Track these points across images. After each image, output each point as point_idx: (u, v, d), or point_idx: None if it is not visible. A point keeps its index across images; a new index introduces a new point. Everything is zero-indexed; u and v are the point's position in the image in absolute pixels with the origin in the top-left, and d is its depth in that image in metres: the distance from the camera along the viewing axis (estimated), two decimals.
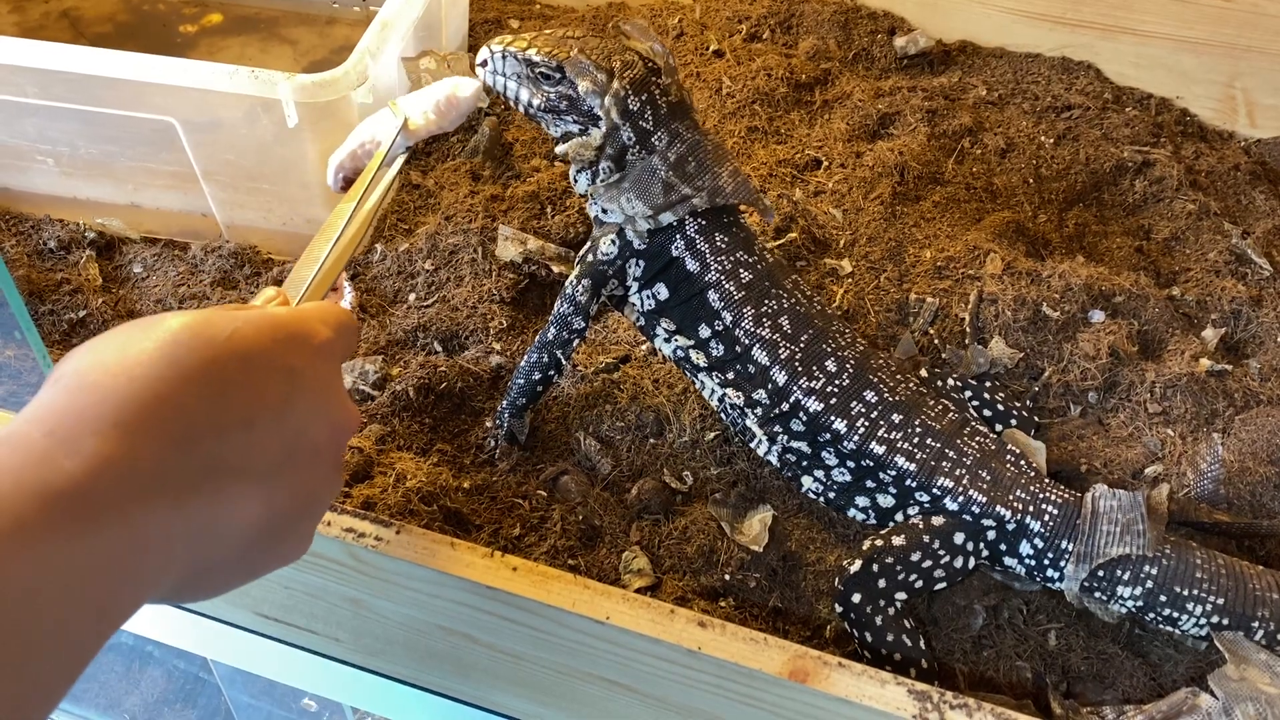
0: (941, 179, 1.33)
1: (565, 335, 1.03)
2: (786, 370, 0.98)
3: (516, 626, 0.85)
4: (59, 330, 1.17)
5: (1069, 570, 0.93)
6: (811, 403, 0.97)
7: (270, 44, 1.55)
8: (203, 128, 1.18)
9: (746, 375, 1.00)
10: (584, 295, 1.02)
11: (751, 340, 0.99)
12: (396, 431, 1.07)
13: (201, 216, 1.28)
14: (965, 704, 0.76)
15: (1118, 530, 0.92)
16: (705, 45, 1.53)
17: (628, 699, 0.88)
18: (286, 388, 0.62)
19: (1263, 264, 1.25)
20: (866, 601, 0.93)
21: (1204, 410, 1.10)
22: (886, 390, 0.98)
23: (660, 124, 0.96)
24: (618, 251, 1.00)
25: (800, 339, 0.98)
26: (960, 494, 0.95)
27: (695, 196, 0.96)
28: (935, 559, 0.95)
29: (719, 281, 0.99)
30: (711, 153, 0.97)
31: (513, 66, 0.96)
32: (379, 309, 1.21)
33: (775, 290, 1.00)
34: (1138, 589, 0.92)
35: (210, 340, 0.59)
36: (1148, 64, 1.51)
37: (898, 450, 0.96)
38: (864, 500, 1.00)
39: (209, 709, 1.80)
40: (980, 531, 0.96)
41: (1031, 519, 0.94)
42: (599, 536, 1.02)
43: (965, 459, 0.96)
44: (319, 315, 0.69)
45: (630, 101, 0.94)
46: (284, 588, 0.94)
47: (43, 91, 1.16)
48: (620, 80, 0.94)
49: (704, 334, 1.01)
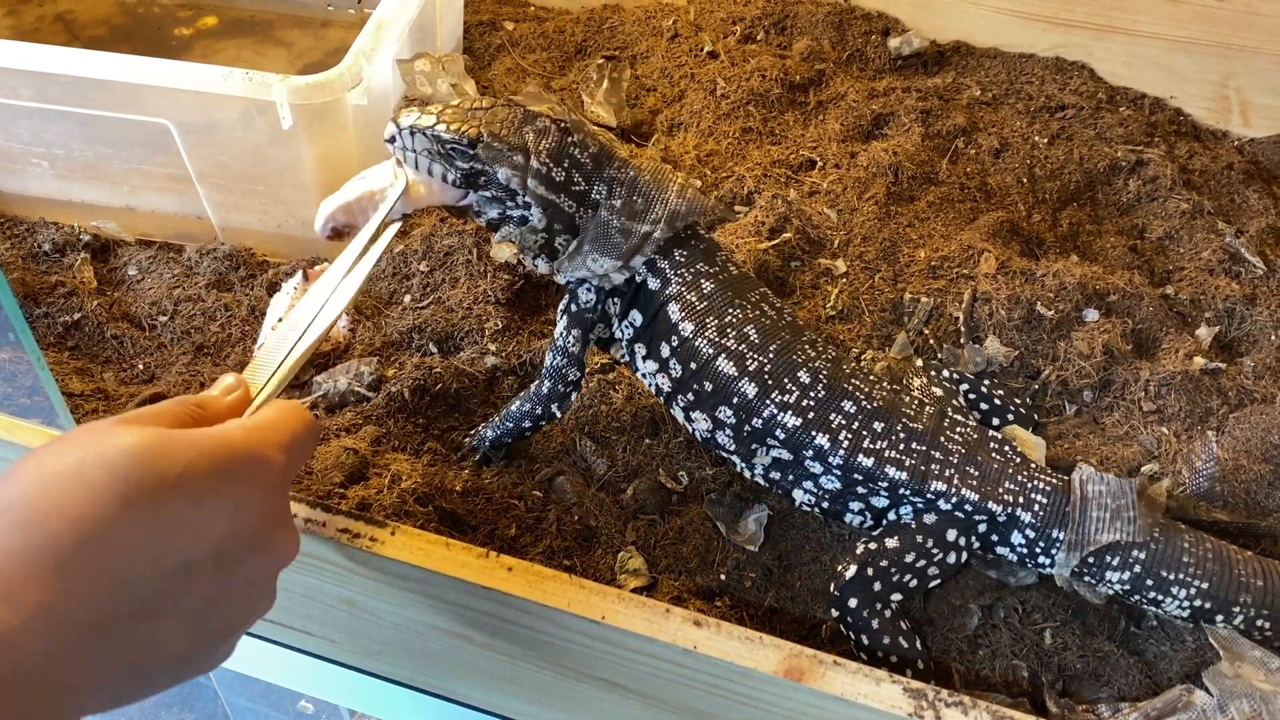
0: (936, 179, 1.34)
1: (561, 389, 1.02)
2: (755, 383, 0.95)
3: (512, 626, 0.85)
4: (54, 333, 1.17)
5: (1060, 558, 0.94)
6: (788, 418, 0.95)
7: (265, 46, 1.55)
8: (198, 130, 1.18)
9: (708, 393, 0.97)
10: (575, 345, 1.01)
11: (716, 350, 0.96)
12: (391, 432, 1.07)
13: (196, 219, 1.28)
14: (961, 701, 0.76)
15: (1107, 516, 0.93)
16: (700, 46, 1.53)
17: (623, 699, 0.88)
18: (229, 526, 0.62)
19: (1256, 262, 1.25)
20: (863, 605, 0.93)
21: (1198, 408, 1.10)
22: (863, 397, 0.96)
23: (591, 179, 0.95)
24: (595, 296, 1.00)
25: (769, 349, 0.96)
26: (954, 495, 0.95)
27: (655, 230, 0.95)
28: (929, 558, 0.95)
29: (679, 293, 0.97)
30: (652, 181, 0.96)
31: (422, 143, 0.92)
32: (375, 310, 1.21)
33: (739, 300, 0.97)
34: (1125, 573, 0.93)
35: (161, 477, 0.59)
36: (1141, 64, 1.51)
37: (886, 460, 0.94)
38: (858, 505, 0.99)
39: (206, 713, 1.80)
40: (972, 526, 0.96)
41: (1022, 510, 0.94)
42: (595, 537, 1.02)
43: (952, 456, 0.95)
44: (275, 437, 0.67)
45: (555, 174, 0.93)
46: (280, 589, 0.94)
47: (38, 94, 1.16)
48: (537, 158, 0.92)
49: (664, 353, 0.98)
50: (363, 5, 1.57)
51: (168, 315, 1.20)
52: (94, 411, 1.07)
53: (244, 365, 1.15)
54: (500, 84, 1.46)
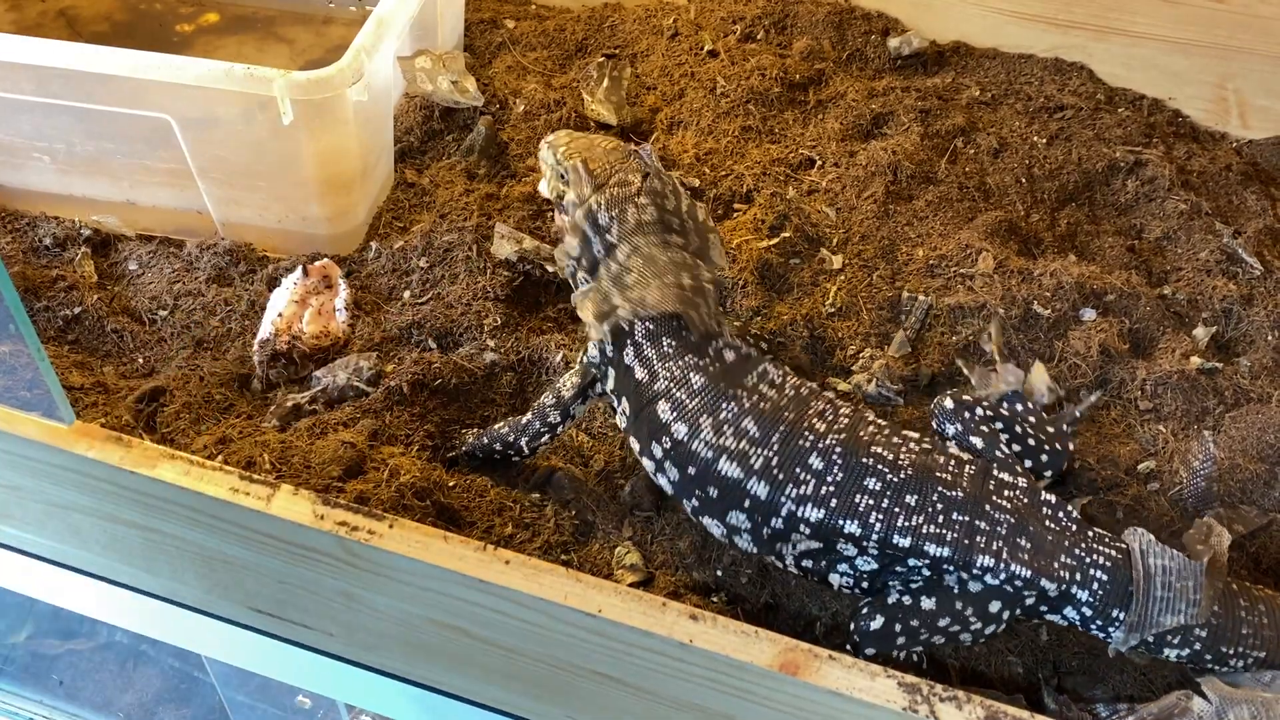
0: (934, 178, 1.34)
1: (538, 426, 1.02)
2: (765, 480, 0.89)
3: (509, 620, 0.85)
4: (54, 327, 1.17)
5: (1119, 636, 0.89)
6: (809, 511, 0.89)
7: (267, 43, 1.55)
8: (199, 125, 1.18)
9: (716, 499, 0.92)
10: (569, 392, 1.01)
11: (715, 452, 0.91)
12: (390, 427, 1.07)
13: (197, 214, 1.29)
14: (955, 696, 0.76)
15: (1172, 597, 0.87)
16: (700, 45, 1.54)
17: (619, 692, 0.88)
18: None
19: (1253, 263, 1.25)
20: (879, 655, 0.90)
21: (1194, 408, 1.10)
22: (888, 469, 0.89)
23: (625, 238, 0.96)
24: (600, 357, 0.99)
25: (772, 441, 0.90)
26: (1002, 571, 0.88)
27: (621, 308, 0.95)
28: (965, 625, 0.90)
29: (668, 390, 0.93)
30: (662, 266, 0.95)
31: (546, 156, 1.04)
32: (374, 306, 1.21)
33: (733, 390, 0.92)
34: (1185, 650, 0.89)
35: None
36: (1140, 65, 1.51)
37: (924, 537, 0.87)
38: (898, 582, 0.91)
39: (204, 708, 1.80)
40: (1020, 600, 0.90)
41: (1079, 589, 0.88)
42: (592, 532, 1.02)
43: (999, 527, 0.88)
44: None
45: (600, 216, 0.96)
46: (278, 582, 0.94)
47: (39, 88, 1.17)
48: (600, 195, 0.96)
49: (658, 454, 0.94)
50: (364, 2, 1.58)
51: (168, 310, 1.21)
52: (93, 405, 1.07)
53: (243, 359, 1.15)
54: (500, 81, 1.46)
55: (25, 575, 1.11)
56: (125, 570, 1.04)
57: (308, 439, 1.05)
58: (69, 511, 0.98)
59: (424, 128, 1.38)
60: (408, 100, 1.39)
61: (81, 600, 1.13)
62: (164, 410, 1.09)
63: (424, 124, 1.38)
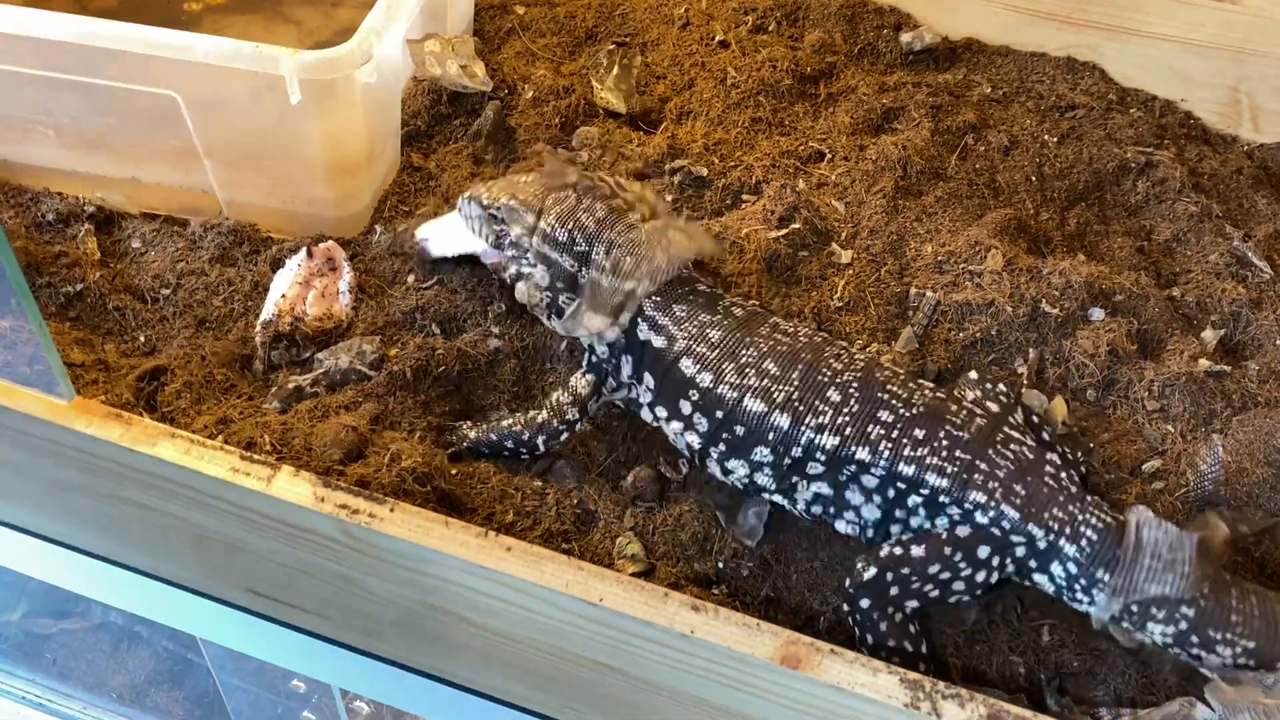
0: (944, 174, 1.33)
1: (555, 424, 1.03)
2: (788, 413, 0.94)
3: (509, 607, 0.85)
4: (56, 303, 1.16)
5: (1101, 600, 0.89)
6: (826, 439, 0.93)
7: (274, 24, 1.54)
8: (205, 103, 1.17)
9: (740, 437, 0.96)
10: (585, 389, 1.03)
11: (740, 392, 0.95)
12: (392, 411, 1.07)
13: (202, 193, 1.28)
14: (958, 694, 0.76)
15: (1159, 566, 0.87)
16: (711, 35, 1.53)
17: (619, 683, 0.87)
18: None
19: (1263, 267, 1.25)
20: (874, 608, 0.91)
21: (1202, 410, 1.10)
22: (901, 404, 0.94)
23: (593, 241, 0.99)
24: (609, 352, 1.03)
25: (792, 377, 0.95)
26: (992, 509, 0.91)
27: (638, 286, 0.99)
28: (955, 571, 0.91)
29: (689, 348, 0.98)
30: (646, 241, 0.99)
31: (472, 209, 1.07)
32: (378, 290, 1.20)
33: (751, 338, 0.98)
34: (1170, 627, 0.89)
35: None
36: (1153, 66, 1.50)
37: (927, 467, 0.91)
38: (898, 528, 0.95)
39: (197, 690, 1.80)
40: (1008, 547, 0.92)
41: (1067, 542, 0.90)
42: (593, 522, 1.02)
43: (998, 470, 0.91)
44: None
45: (558, 233, 1.00)
46: (277, 564, 0.93)
47: (44, 62, 1.16)
48: (545, 218, 1.00)
49: (685, 409, 0.98)
50: None
51: (170, 289, 1.20)
52: (94, 382, 1.07)
53: (245, 340, 1.15)
54: (509, 67, 1.45)
55: (21, 552, 1.10)
56: (122, 549, 1.03)
57: (309, 421, 1.04)
58: (67, 489, 0.97)
59: (431, 112, 1.37)
60: (416, 84, 1.38)
61: (76, 578, 1.12)
62: (165, 389, 1.08)
63: (431, 108, 1.37)
